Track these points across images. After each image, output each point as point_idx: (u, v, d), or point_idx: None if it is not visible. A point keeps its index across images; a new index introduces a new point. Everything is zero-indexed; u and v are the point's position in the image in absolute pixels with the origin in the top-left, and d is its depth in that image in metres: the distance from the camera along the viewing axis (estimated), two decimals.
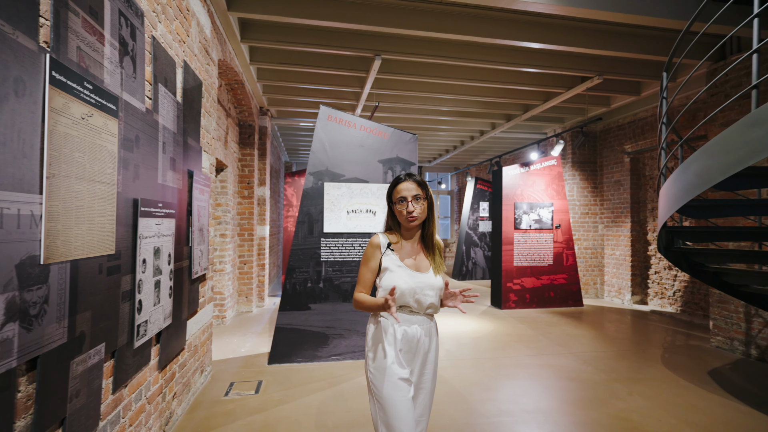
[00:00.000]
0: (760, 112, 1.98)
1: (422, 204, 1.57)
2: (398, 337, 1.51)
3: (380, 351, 1.51)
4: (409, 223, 1.56)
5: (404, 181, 1.59)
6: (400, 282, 1.51)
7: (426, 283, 1.54)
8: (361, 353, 3.79)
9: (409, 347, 1.53)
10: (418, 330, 1.54)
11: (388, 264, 1.56)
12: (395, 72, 4.93)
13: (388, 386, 1.46)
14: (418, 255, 1.61)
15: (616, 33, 4.19)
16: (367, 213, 3.90)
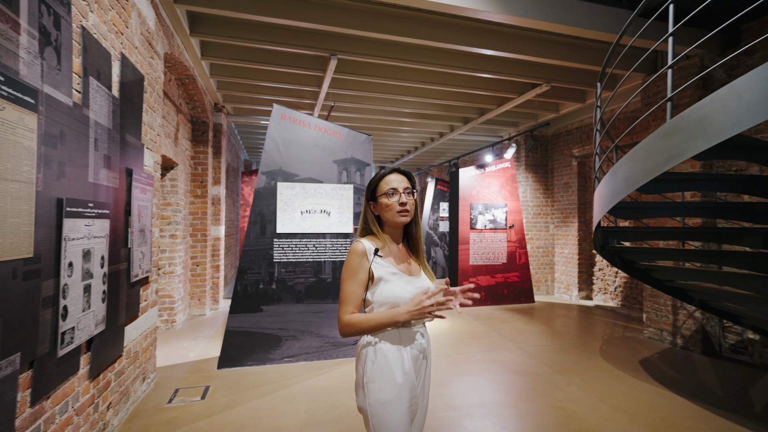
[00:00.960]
0: (673, 122, 2.17)
1: (413, 199, 1.39)
2: (407, 357, 1.31)
3: (386, 381, 1.27)
4: (401, 218, 1.36)
5: (393, 173, 1.40)
6: (401, 291, 1.31)
7: (423, 288, 1.35)
8: (315, 354, 3.77)
9: (417, 365, 1.35)
10: (422, 341, 1.38)
11: (380, 273, 1.33)
12: (353, 72, 4.95)
13: (396, 419, 1.25)
14: (407, 259, 1.43)
15: (562, 43, 4.42)
16: (322, 213, 3.89)
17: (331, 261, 3.91)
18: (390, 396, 1.25)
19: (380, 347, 1.30)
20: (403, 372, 1.28)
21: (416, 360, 1.34)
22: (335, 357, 3.82)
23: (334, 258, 3.92)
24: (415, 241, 1.45)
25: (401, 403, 1.26)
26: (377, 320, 1.26)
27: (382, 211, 1.38)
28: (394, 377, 1.27)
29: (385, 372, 1.27)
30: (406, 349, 1.31)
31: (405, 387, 1.27)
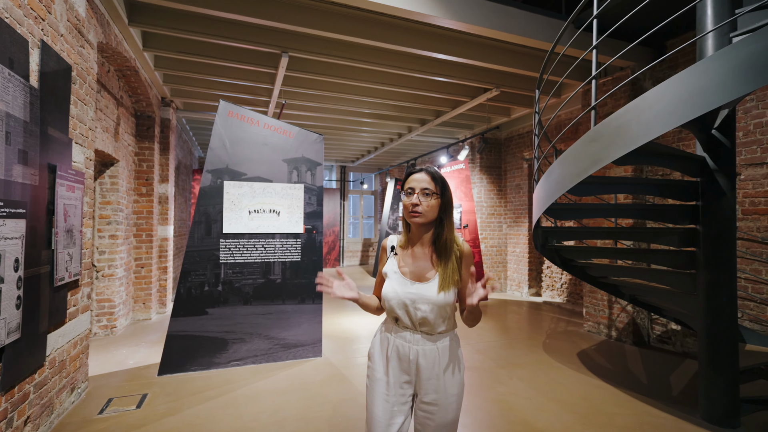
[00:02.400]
0: (597, 129, 2.32)
1: (432, 201, 1.33)
2: (391, 350, 1.38)
3: (374, 361, 1.42)
4: (411, 219, 1.35)
5: (418, 172, 1.39)
6: (388, 290, 1.37)
7: (419, 295, 1.32)
8: (264, 356, 3.70)
9: (403, 365, 1.36)
10: (411, 349, 1.34)
11: (387, 269, 1.42)
12: (308, 71, 4.89)
13: (372, 399, 1.38)
14: (424, 262, 1.37)
15: (510, 50, 4.60)
16: (271, 213, 3.81)
17: (281, 261, 3.85)
18: (372, 376, 1.41)
19: (379, 335, 1.46)
20: (384, 361, 1.39)
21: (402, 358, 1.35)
22: (285, 359, 3.76)
23: (284, 258, 3.86)
24: (441, 245, 1.36)
25: (377, 387, 1.37)
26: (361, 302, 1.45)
27: (402, 211, 1.42)
28: (376, 362, 1.42)
29: (375, 355, 1.43)
30: (394, 342, 1.38)
31: (384, 378, 1.37)
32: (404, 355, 1.35)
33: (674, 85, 2.03)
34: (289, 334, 3.82)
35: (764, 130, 3.54)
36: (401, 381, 1.36)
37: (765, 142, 3.54)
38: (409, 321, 1.35)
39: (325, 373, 3.48)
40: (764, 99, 3.55)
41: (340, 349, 4.18)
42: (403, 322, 1.36)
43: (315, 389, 3.14)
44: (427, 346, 1.34)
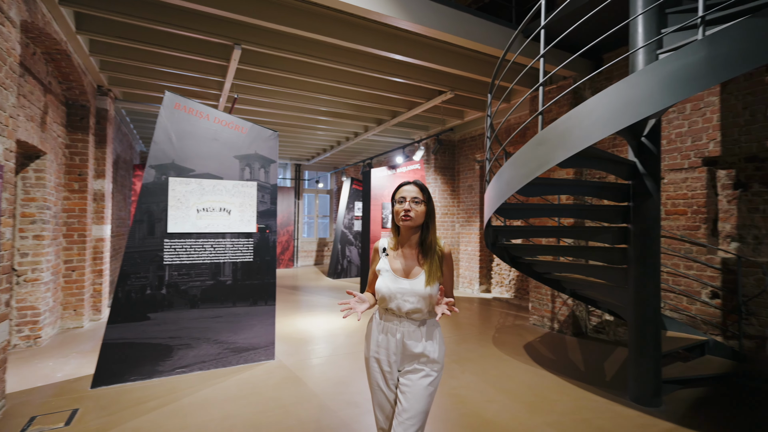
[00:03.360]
0: (543, 133, 2.47)
1: (420, 207, 1.60)
2: (381, 335, 1.63)
3: (368, 343, 1.69)
4: (402, 223, 1.60)
5: (407, 184, 1.65)
6: (381, 286, 1.60)
7: (408, 289, 1.57)
8: (212, 362, 3.53)
9: (390, 347, 1.61)
10: (398, 333, 1.60)
11: (380, 267, 1.66)
12: (262, 65, 4.74)
13: (369, 371, 1.67)
14: (412, 261, 1.64)
15: (464, 55, 4.75)
16: (221, 212, 3.64)
17: (231, 262, 3.69)
18: (368, 355, 1.68)
19: (372, 320, 1.71)
20: (376, 344, 1.64)
21: (390, 342, 1.60)
22: (235, 363, 3.62)
23: (235, 259, 3.70)
24: (426, 246, 1.62)
25: (373, 365, 1.65)
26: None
27: (394, 215, 1.65)
28: (370, 342, 1.67)
29: (369, 336, 1.69)
30: (381, 327, 1.64)
31: (375, 357, 1.64)
32: (390, 338, 1.61)
33: (610, 95, 2.21)
34: (240, 337, 3.68)
35: (684, 139, 3.95)
36: (387, 360, 1.62)
37: (684, 149, 3.95)
38: (398, 311, 1.59)
39: (278, 377, 3.39)
40: (684, 111, 3.96)
41: (294, 351, 4.09)
42: (394, 311, 1.60)
43: (267, 393, 3.05)
44: (412, 328, 1.60)
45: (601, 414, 2.78)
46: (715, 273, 3.67)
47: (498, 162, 5.95)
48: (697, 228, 3.84)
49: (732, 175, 3.62)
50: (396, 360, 1.61)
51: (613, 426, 2.61)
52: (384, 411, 1.65)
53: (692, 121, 3.89)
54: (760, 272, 3.36)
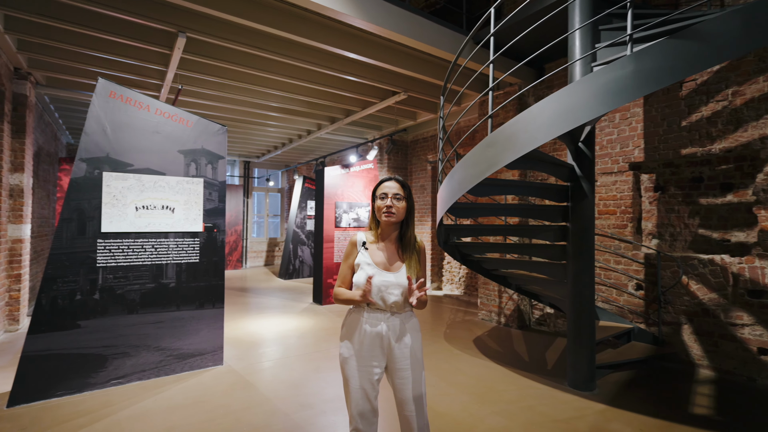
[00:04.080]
0: (492, 135, 2.59)
1: (402, 204, 1.64)
2: (364, 331, 1.61)
3: (347, 339, 1.65)
4: (385, 218, 1.63)
5: (389, 180, 1.68)
6: (364, 279, 1.59)
7: (392, 282, 1.60)
8: (153, 370, 3.29)
9: (375, 342, 1.61)
10: (384, 326, 1.61)
11: (359, 261, 1.66)
12: (211, 56, 4.50)
13: (349, 371, 1.62)
14: (392, 255, 1.67)
15: (418, 57, 4.85)
16: (164, 210, 3.42)
17: (175, 263, 3.47)
18: (347, 354, 1.64)
19: (350, 317, 1.68)
20: (359, 337, 1.62)
21: (375, 336, 1.60)
22: (180, 371, 3.41)
23: (179, 260, 3.49)
24: (406, 241, 1.68)
25: (352, 361, 1.61)
26: (345, 296, 1.65)
27: (376, 211, 1.68)
28: (351, 342, 1.64)
29: (348, 336, 1.66)
30: (366, 323, 1.62)
31: (359, 353, 1.61)
32: (375, 332, 1.61)
33: (552, 102, 2.37)
34: (184, 343, 3.47)
35: (613, 145, 4.33)
36: (371, 356, 1.61)
37: (614, 155, 4.33)
38: (383, 303, 1.62)
39: (226, 382, 3.24)
40: (614, 120, 4.34)
41: (244, 354, 3.94)
42: (377, 304, 1.62)
43: (216, 400, 2.91)
44: (395, 321, 1.63)
45: (544, 400, 2.97)
46: (639, 267, 4.07)
47: (450, 163, 6.14)
48: (624, 226, 4.23)
49: (653, 178, 4.03)
50: (381, 354, 1.61)
51: (554, 411, 2.80)
52: (364, 414, 1.60)
53: (620, 130, 4.28)
54: (675, 266, 3.77)
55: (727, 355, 3.43)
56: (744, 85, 3.39)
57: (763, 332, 3.24)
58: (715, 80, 3.57)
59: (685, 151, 3.76)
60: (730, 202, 3.54)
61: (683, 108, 3.78)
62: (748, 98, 3.36)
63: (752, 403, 2.94)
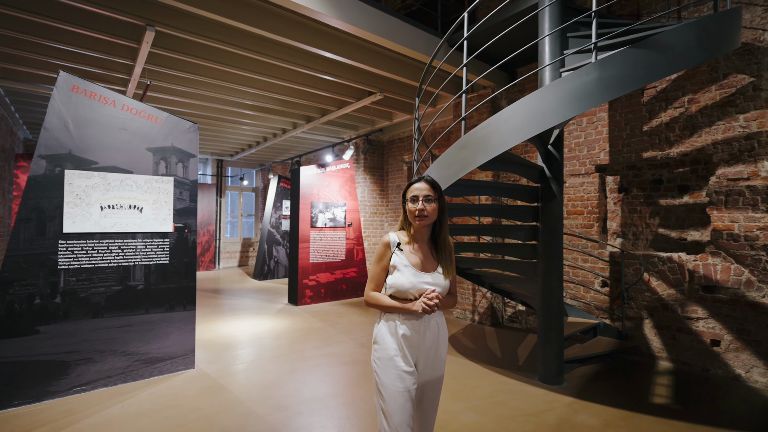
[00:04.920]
0: (466, 137, 2.65)
1: (433, 205, 1.60)
2: (401, 332, 1.58)
3: (385, 344, 1.60)
4: (418, 221, 1.60)
5: (419, 181, 1.64)
6: (403, 281, 1.58)
7: (432, 282, 1.58)
8: (120, 376, 3.17)
9: (413, 342, 1.58)
10: (421, 326, 1.59)
11: (395, 262, 1.61)
12: (182, 51, 4.38)
13: (389, 376, 1.56)
14: (427, 256, 1.64)
15: (394, 59, 4.88)
16: (132, 209, 3.30)
17: (144, 265, 3.36)
18: (388, 353, 1.58)
19: (385, 320, 1.63)
20: (396, 343, 1.58)
21: (413, 336, 1.58)
22: (148, 376, 3.30)
23: (148, 261, 3.37)
24: (441, 242, 1.66)
25: (392, 365, 1.56)
26: (386, 303, 1.61)
27: (408, 215, 1.64)
28: (387, 344, 1.59)
29: (385, 336, 1.61)
30: (402, 326, 1.58)
31: (397, 356, 1.57)
32: (412, 333, 1.58)
33: (523, 106, 2.45)
34: (153, 347, 3.36)
35: (581, 148, 4.51)
36: (408, 356, 1.58)
37: (581, 157, 4.51)
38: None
39: (198, 386, 3.17)
40: (581, 124, 4.52)
41: (216, 357, 3.85)
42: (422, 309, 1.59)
43: (187, 405, 2.84)
44: (431, 322, 1.62)
45: (515, 395, 3.06)
46: (604, 265, 4.25)
47: (425, 163, 6.21)
48: (591, 226, 4.41)
49: (617, 180, 4.22)
50: (418, 356, 1.60)
51: (525, 405, 2.90)
52: (405, 415, 1.55)
53: (587, 133, 4.46)
54: (637, 263, 3.97)
55: (683, 347, 3.64)
56: (698, 94, 3.60)
57: (715, 325, 3.46)
58: (673, 88, 3.78)
59: (647, 154, 3.96)
60: (686, 203, 3.76)
61: (644, 114, 3.98)
62: (702, 106, 3.58)
63: (706, 392, 3.13)
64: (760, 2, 3.21)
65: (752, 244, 3.27)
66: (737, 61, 3.37)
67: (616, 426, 2.61)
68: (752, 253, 3.26)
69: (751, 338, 3.26)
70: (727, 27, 2.31)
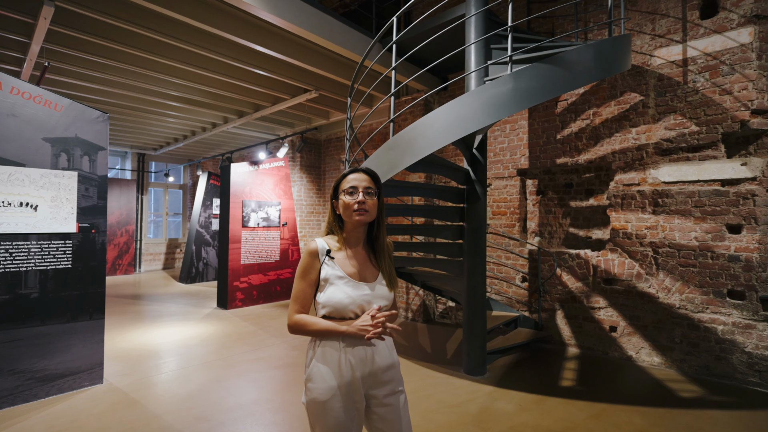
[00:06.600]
0: (394, 139, 2.71)
1: (374, 200, 1.35)
2: (345, 363, 1.28)
3: (323, 383, 1.27)
4: (357, 217, 1.31)
5: (356, 171, 1.37)
6: (341, 296, 1.29)
7: (375, 295, 1.33)
8: (7, 398, 2.78)
9: (357, 371, 1.29)
10: (367, 350, 1.31)
11: (327, 274, 1.32)
12: (92, 32, 3.94)
13: (329, 417, 1.26)
14: (364, 263, 1.38)
15: (329, 57, 4.83)
16: (24, 207, 2.90)
17: (39, 270, 2.97)
18: (324, 397, 1.26)
19: (321, 349, 1.30)
20: (340, 375, 1.28)
21: (358, 365, 1.30)
22: (44, 396, 2.93)
23: (44, 266, 2.99)
24: (379, 245, 1.40)
25: (336, 406, 1.26)
26: (320, 326, 1.28)
27: (342, 210, 1.35)
28: (330, 379, 1.27)
29: (323, 373, 1.28)
30: (347, 353, 1.29)
31: (343, 390, 1.27)
32: (359, 359, 1.30)
33: (447, 111, 2.56)
34: (51, 362, 2.99)
35: (505, 153, 4.83)
36: (355, 390, 1.30)
37: (505, 161, 4.83)
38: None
39: (106, 403, 2.88)
40: (504, 130, 4.84)
41: (130, 369, 3.53)
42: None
43: (89, 425, 2.57)
44: (380, 343, 1.35)
45: (441, 388, 3.19)
46: (524, 262, 4.60)
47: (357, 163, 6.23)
48: (513, 226, 4.74)
49: (536, 183, 4.59)
50: (366, 384, 1.32)
51: (449, 397, 3.03)
52: None
53: (510, 139, 4.79)
54: (551, 260, 4.35)
55: (588, 334, 4.06)
56: (601, 108, 4.04)
57: (613, 313, 3.91)
58: (581, 101, 4.19)
59: (560, 160, 4.35)
60: (592, 206, 4.20)
61: (558, 123, 4.38)
62: (604, 119, 4.02)
63: (605, 373, 3.53)
64: (648, 31, 3.68)
65: (641, 242, 3.74)
66: (631, 81, 3.83)
67: (529, 410, 2.83)
68: (641, 249, 3.74)
69: (640, 324, 3.74)
70: (620, 50, 2.62)
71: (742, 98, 3.22)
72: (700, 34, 3.44)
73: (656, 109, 3.67)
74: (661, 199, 3.63)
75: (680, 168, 3.52)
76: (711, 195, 3.36)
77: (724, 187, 3.31)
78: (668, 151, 3.60)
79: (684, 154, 3.52)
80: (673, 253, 3.55)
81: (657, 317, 3.63)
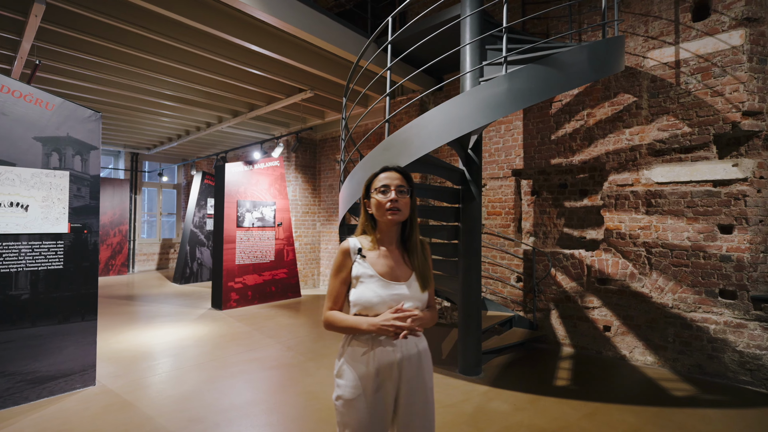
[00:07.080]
0: (389, 139, 2.70)
1: (407, 199, 1.32)
2: (372, 364, 1.28)
3: (349, 382, 1.28)
4: (390, 217, 1.30)
5: (388, 170, 1.36)
6: (371, 295, 1.29)
7: (406, 294, 1.31)
8: None
9: (386, 374, 1.28)
10: (396, 353, 1.29)
11: (358, 273, 1.32)
12: (85, 31, 3.93)
13: (357, 417, 1.26)
14: (398, 262, 1.36)
15: (325, 57, 4.82)
16: (14, 207, 2.87)
17: (29, 271, 2.93)
18: (350, 395, 1.28)
19: (351, 348, 1.32)
20: (366, 375, 1.28)
21: (386, 368, 1.29)
22: (35, 398, 2.89)
23: (35, 267, 2.95)
24: (412, 244, 1.38)
25: (361, 406, 1.26)
26: (347, 323, 1.29)
27: (375, 210, 1.34)
28: (355, 379, 1.28)
29: (350, 372, 1.29)
30: (374, 353, 1.29)
31: (368, 391, 1.27)
32: (387, 361, 1.29)
33: (442, 111, 2.56)
34: (42, 364, 2.95)
35: (500, 153, 4.85)
36: (384, 392, 1.30)
37: (500, 162, 4.84)
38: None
39: (98, 405, 2.85)
40: (500, 131, 4.86)
41: (123, 371, 3.50)
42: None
43: (81, 428, 2.54)
44: (409, 345, 1.33)
45: (437, 388, 3.19)
46: (519, 262, 4.62)
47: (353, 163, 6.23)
48: (508, 226, 4.76)
49: (530, 184, 4.61)
50: (393, 388, 1.30)
51: (445, 397, 3.04)
52: None
53: (505, 140, 4.81)
54: (546, 260, 4.37)
55: (582, 334, 4.08)
56: (595, 109, 4.07)
57: (607, 313, 3.94)
58: (575, 102, 4.22)
59: (554, 161, 4.37)
60: (586, 206, 4.22)
61: (552, 124, 4.40)
62: (598, 120, 4.05)
63: (598, 372, 3.55)
64: (641, 33, 3.71)
65: (635, 242, 3.77)
66: (624, 82, 3.86)
67: (524, 409, 2.84)
68: (635, 249, 3.77)
69: (633, 323, 3.77)
70: (614, 52, 2.64)
71: (734, 100, 3.25)
72: (692, 36, 3.47)
73: (649, 110, 3.70)
74: (654, 199, 3.66)
75: (673, 169, 3.55)
76: (703, 195, 3.40)
77: (715, 188, 3.35)
78: (661, 152, 3.63)
79: (676, 155, 3.55)
80: (666, 253, 3.58)
81: (650, 317, 3.66)
